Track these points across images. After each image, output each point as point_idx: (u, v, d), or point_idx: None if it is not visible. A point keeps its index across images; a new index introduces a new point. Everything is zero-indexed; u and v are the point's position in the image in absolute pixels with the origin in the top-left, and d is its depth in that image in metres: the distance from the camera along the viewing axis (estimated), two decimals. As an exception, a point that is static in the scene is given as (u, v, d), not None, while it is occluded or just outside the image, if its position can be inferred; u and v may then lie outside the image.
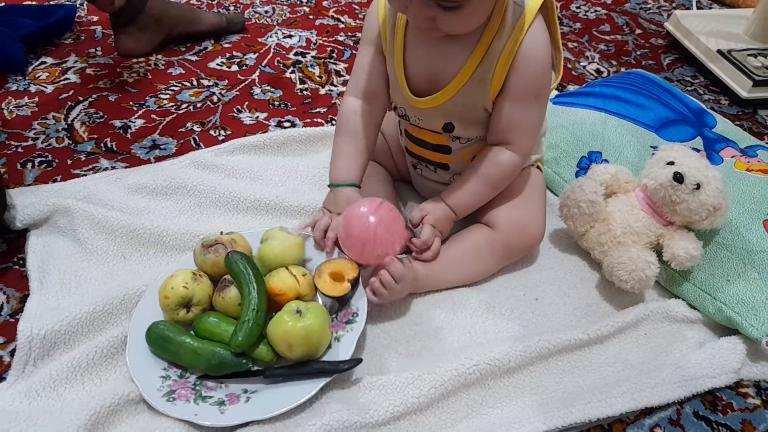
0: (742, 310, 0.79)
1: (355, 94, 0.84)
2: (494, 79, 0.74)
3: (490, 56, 0.73)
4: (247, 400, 0.66)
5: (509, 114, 0.77)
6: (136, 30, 1.30)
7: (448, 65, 0.75)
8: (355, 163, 0.83)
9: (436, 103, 0.78)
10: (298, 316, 0.68)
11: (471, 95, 0.76)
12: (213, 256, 0.76)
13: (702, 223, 0.83)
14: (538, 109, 0.79)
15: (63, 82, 1.22)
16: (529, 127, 0.79)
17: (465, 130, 0.81)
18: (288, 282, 0.73)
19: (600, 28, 1.62)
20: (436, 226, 0.80)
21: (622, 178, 0.90)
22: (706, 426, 0.72)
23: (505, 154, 0.80)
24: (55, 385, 0.67)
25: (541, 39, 0.74)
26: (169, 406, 0.65)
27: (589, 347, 0.77)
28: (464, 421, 0.68)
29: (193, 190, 0.94)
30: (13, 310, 0.78)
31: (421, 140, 0.86)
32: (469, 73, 0.75)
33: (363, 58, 0.83)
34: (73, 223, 0.85)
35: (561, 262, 0.90)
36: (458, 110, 0.79)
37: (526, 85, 0.75)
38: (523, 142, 0.79)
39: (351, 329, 0.72)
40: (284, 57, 1.37)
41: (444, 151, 0.85)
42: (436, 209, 0.81)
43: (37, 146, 1.05)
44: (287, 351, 0.68)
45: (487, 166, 0.80)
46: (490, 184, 0.81)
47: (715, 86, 1.38)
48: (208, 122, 1.14)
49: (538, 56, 0.74)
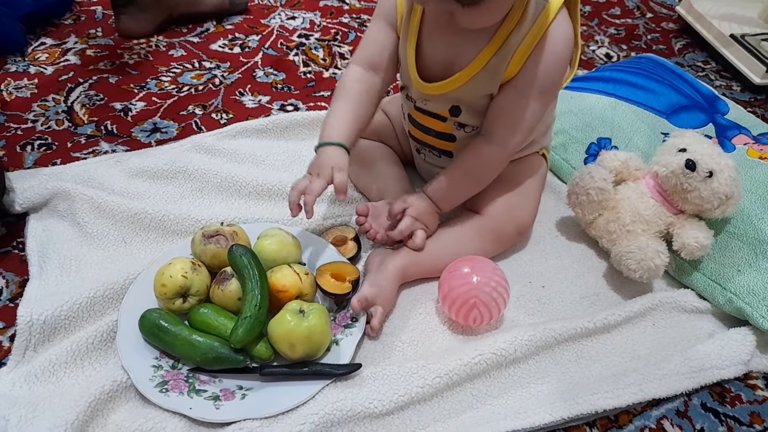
0: (752, 300, 0.77)
1: (360, 63, 0.81)
2: (507, 71, 0.73)
3: (506, 49, 0.71)
4: (242, 398, 0.65)
5: (504, 102, 0.75)
6: (136, 10, 1.27)
7: (464, 53, 0.74)
8: (345, 125, 0.77)
9: (445, 90, 0.76)
10: (302, 316, 0.67)
11: (481, 84, 0.75)
12: (214, 246, 0.74)
13: (713, 211, 0.81)
14: (537, 105, 0.75)
15: (63, 64, 1.20)
16: (520, 120, 0.76)
17: (471, 116, 0.79)
18: (291, 279, 0.71)
19: (610, 12, 1.59)
20: (419, 218, 0.79)
21: (632, 165, 0.88)
22: (714, 418, 0.71)
23: (487, 146, 0.78)
24: (54, 370, 0.66)
25: (563, 35, 0.72)
26: (163, 398, 0.64)
27: (596, 337, 0.76)
28: (469, 411, 0.67)
29: (195, 175, 0.92)
30: (12, 295, 0.77)
31: (425, 126, 0.84)
32: (483, 62, 0.73)
33: (374, 31, 0.81)
34: (73, 207, 0.84)
35: (568, 250, 0.89)
36: (467, 97, 0.77)
37: (534, 79, 0.73)
38: (507, 134, 0.76)
39: (350, 333, 0.71)
40: (287, 39, 1.35)
41: (449, 139, 0.83)
42: (419, 201, 0.80)
43: (37, 129, 1.04)
44: (288, 350, 0.67)
45: (469, 158, 0.79)
46: (473, 176, 0.80)
47: (727, 72, 1.36)
48: (209, 105, 1.12)
49: (556, 52, 0.72)
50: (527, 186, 0.85)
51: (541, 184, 0.89)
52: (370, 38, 0.81)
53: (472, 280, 0.72)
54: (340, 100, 0.80)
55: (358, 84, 0.80)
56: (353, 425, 0.64)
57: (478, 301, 0.72)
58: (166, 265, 0.71)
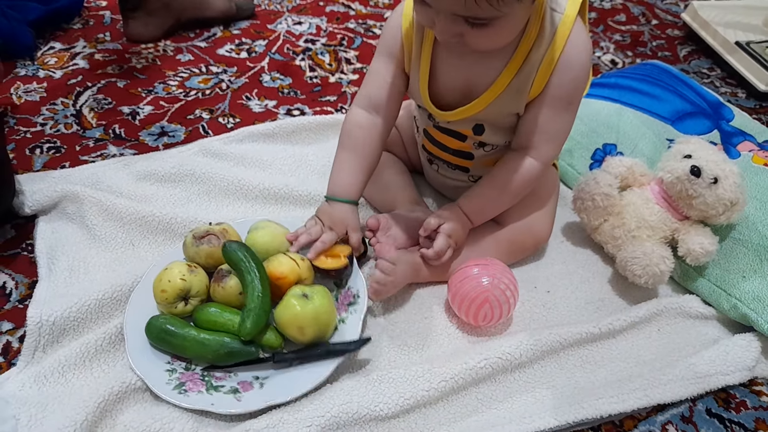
0: (757, 306, 0.77)
1: (362, 106, 0.80)
2: (533, 89, 0.71)
3: (528, 66, 0.70)
4: (261, 386, 0.66)
5: (537, 118, 0.73)
6: (144, 15, 1.28)
7: (482, 77, 0.72)
8: (354, 180, 0.78)
9: (464, 116, 0.75)
10: (306, 299, 0.68)
11: (505, 105, 0.73)
12: (206, 247, 0.75)
13: (718, 218, 0.81)
14: (569, 116, 0.75)
15: (72, 68, 1.21)
16: (555, 133, 0.75)
17: (494, 134, 0.78)
18: (288, 265, 0.72)
19: (615, 18, 1.60)
20: (452, 236, 0.76)
21: (637, 171, 0.88)
22: (719, 424, 0.71)
23: (526, 161, 0.76)
24: (63, 370, 0.67)
25: (584, 44, 0.71)
26: (183, 398, 0.64)
27: (601, 342, 0.76)
28: (474, 416, 0.68)
29: (202, 178, 0.93)
30: (21, 296, 0.78)
31: (443, 144, 0.83)
32: (505, 84, 0.71)
33: (377, 69, 0.79)
34: (82, 210, 0.85)
35: (573, 255, 0.89)
36: (491, 117, 0.76)
37: (563, 92, 0.72)
38: (546, 148, 0.76)
39: (355, 310, 0.73)
40: (294, 44, 1.36)
41: (466, 157, 0.83)
42: (453, 218, 0.77)
43: (46, 132, 1.04)
44: (298, 334, 0.67)
45: (507, 173, 0.77)
46: (510, 192, 0.78)
47: (732, 79, 1.36)
48: (216, 109, 1.13)
49: (579, 63, 0.71)
50: (545, 198, 0.85)
51: (556, 196, 0.88)
52: (372, 77, 0.79)
53: (483, 278, 0.73)
54: (345, 151, 0.80)
55: (361, 131, 0.79)
56: (359, 428, 0.64)
57: (490, 295, 0.72)
58: (162, 270, 0.71)
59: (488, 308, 0.73)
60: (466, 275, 0.74)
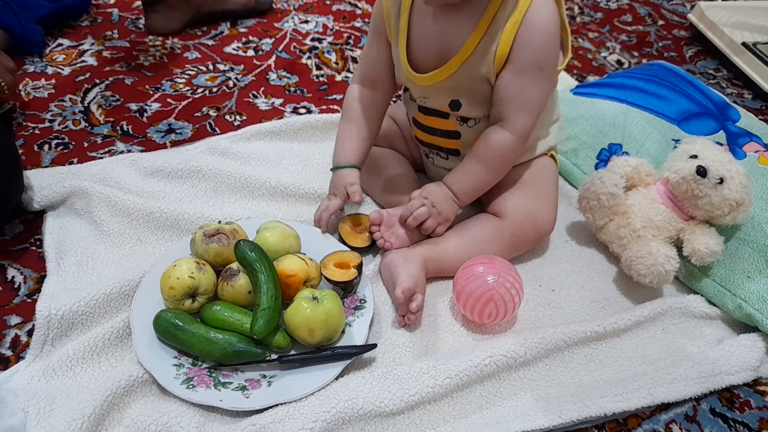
0: (762, 307, 0.77)
1: (358, 81, 0.87)
2: (498, 50, 0.73)
3: (494, 28, 0.73)
4: (269, 385, 0.67)
5: (508, 87, 0.75)
6: (166, 8, 1.29)
7: (454, 39, 0.75)
8: (353, 146, 0.86)
9: (441, 77, 0.77)
10: (316, 302, 0.68)
11: (475, 68, 0.75)
12: (216, 245, 0.75)
13: (724, 218, 0.81)
14: (542, 84, 0.76)
15: (80, 65, 1.22)
16: (527, 101, 0.76)
17: (471, 107, 0.80)
18: (298, 264, 0.74)
19: (622, 18, 1.59)
20: (435, 205, 0.80)
21: (643, 171, 0.88)
22: (723, 423, 0.71)
23: (499, 132, 0.78)
24: (72, 364, 0.68)
25: (547, 9, 0.73)
26: (192, 394, 0.65)
27: (606, 341, 0.76)
28: (478, 413, 0.68)
29: (209, 175, 0.94)
30: (30, 291, 0.78)
31: (430, 127, 0.85)
32: (473, 45, 0.74)
33: (367, 47, 0.86)
34: (90, 206, 0.86)
35: (578, 255, 0.89)
36: (464, 85, 0.78)
37: (529, 55, 0.73)
38: (518, 117, 0.77)
39: (361, 315, 0.74)
40: (300, 42, 1.36)
41: (454, 137, 0.84)
42: (436, 188, 0.81)
43: (54, 128, 1.05)
44: (308, 336, 0.68)
45: (482, 145, 0.80)
46: (487, 165, 0.80)
47: (739, 80, 1.36)
48: (223, 107, 1.14)
49: (543, 26, 0.73)
50: (544, 189, 0.86)
51: (556, 187, 0.89)
52: (365, 54, 0.87)
53: (488, 276, 0.73)
54: (345, 122, 0.88)
55: (358, 103, 0.86)
56: (364, 423, 0.65)
57: (496, 294, 0.72)
58: (170, 267, 0.72)
59: (493, 306, 0.73)
60: (472, 273, 0.74)
